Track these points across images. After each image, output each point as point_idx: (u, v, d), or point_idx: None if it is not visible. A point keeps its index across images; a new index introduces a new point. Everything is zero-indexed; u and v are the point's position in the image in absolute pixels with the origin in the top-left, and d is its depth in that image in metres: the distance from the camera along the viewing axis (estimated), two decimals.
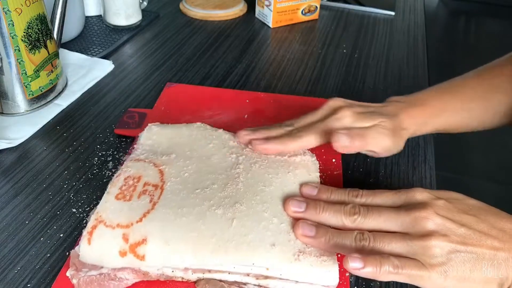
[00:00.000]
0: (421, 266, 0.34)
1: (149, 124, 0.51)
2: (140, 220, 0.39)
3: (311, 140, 0.47)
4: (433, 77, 0.78)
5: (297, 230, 0.38)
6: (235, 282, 0.38)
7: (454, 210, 0.36)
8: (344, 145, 0.45)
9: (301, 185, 0.43)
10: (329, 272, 0.36)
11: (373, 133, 0.46)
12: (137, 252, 0.37)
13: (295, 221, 0.39)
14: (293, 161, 0.47)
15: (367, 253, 0.35)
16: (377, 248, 0.35)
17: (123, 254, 0.37)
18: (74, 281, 0.38)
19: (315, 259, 0.37)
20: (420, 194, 0.38)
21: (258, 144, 0.46)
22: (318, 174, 0.46)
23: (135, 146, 0.49)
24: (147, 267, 0.37)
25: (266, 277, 0.37)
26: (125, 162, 0.46)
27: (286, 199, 0.41)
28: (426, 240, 0.34)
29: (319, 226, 0.38)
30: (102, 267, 0.38)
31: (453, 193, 0.39)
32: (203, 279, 0.38)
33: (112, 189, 0.42)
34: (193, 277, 0.38)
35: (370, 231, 0.37)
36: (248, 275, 0.37)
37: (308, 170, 0.46)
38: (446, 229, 0.35)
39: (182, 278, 0.38)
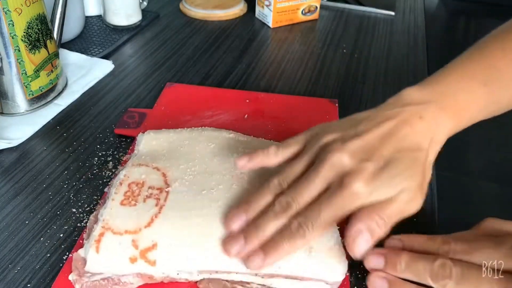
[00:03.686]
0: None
1: (148, 131, 0.50)
2: (149, 224, 0.38)
3: (319, 234, 0.35)
4: None
5: (369, 283, 0.33)
6: (239, 282, 0.38)
7: None
8: (363, 252, 0.34)
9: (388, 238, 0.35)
10: (339, 266, 0.36)
11: (400, 207, 0.34)
12: (148, 257, 0.36)
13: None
14: None
15: None
16: None
17: (133, 260, 0.36)
18: (77, 287, 0.37)
19: (324, 255, 0.37)
20: None
21: (253, 265, 0.35)
22: None
23: (134, 148, 0.49)
24: (160, 272, 0.37)
25: (272, 276, 0.37)
26: (126, 168, 0.45)
27: (366, 255, 0.34)
28: None
29: (394, 283, 0.32)
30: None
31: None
32: (205, 279, 0.38)
33: (116, 195, 0.41)
34: (198, 278, 0.38)
35: None
36: (256, 274, 0.37)
37: None
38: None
39: (186, 279, 0.38)
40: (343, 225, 0.36)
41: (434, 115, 0.36)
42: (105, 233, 0.38)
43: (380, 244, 0.36)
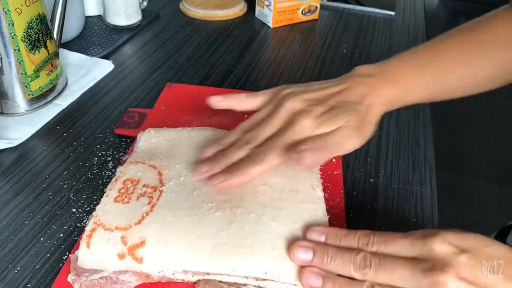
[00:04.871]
0: None
1: (148, 128, 0.50)
2: (139, 222, 0.38)
3: (274, 161, 0.41)
4: None
5: (302, 279, 0.35)
6: (234, 284, 0.38)
7: (478, 269, 0.31)
8: (309, 164, 0.40)
9: (307, 229, 0.39)
10: None
11: (338, 139, 0.41)
12: (135, 254, 0.37)
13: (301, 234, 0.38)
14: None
15: None
16: None
17: (121, 256, 0.37)
18: (76, 286, 0.37)
19: None
20: (439, 247, 0.32)
21: (219, 183, 0.41)
22: (319, 174, 0.46)
23: (134, 147, 0.49)
24: (146, 269, 0.37)
25: (265, 279, 0.37)
26: (123, 165, 0.45)
27: (291, 245, 0.37)
28: None
29: (327, 276, 0.35)
30: (103, 271, 0.38)
31: (476, 237, 0.34)
32: (202, 279, 0.38)
33: (111, 192, 0.41)
34: (193, 279, 0.38)
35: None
36: (247, 277, 0.37)
37: (308, 172, 0.45)
38: None
39: (183, 280, 0.38)
40: None
41: (376, 84, 0.45)
42: (96, 229, 0.38)
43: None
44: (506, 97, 2.17)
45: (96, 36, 0.79)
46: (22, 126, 0.57)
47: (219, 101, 0.47)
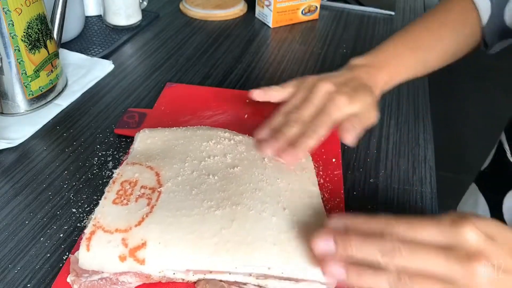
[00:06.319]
0: None
1: (143, 129, 0.50)
2: (139, 223, 0.38)
3: (324, 134, 0.47)
4: (433, 76, 0.78)
5: (325, 270, 0.34)
6: (235, 282, 0.38)
7: (508, 255, 0.32)
8: (351, 142, 0.47)
9: (306, 223, 0.39)
10: None
11: (367, 113, 0.49)
12: (137, 256, 0.37)
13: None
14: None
15: None
16: None
17: (123, 258, 0.37)
18: (75, 287, 0.37)
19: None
20: (470, 235, 0.32)
21: (288, 156, 0.45)
22: (314, 171, 0.47)
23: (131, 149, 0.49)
24: (148, 270, 0.37)
25: (266, 277, 0.37)
26: (120, 167, 0.45)
27: (313, 240, 0.35)
28: None
29: (351, 265, 0.34)
30: (103, 272, 0.37)
31: (494, 222, 0.34)
32: (203, 279, 0.38)
33: (109, 194, 0.41)
34: (194, 278, 0.38)
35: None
36: (250, 275, 0.37)
37: (302, 167, 0.47)
38: (500, 284, 0.31)
39: (183, 279, 0.38)
40: None
41: (374, 73, 0.52)
42: (96, 231, 0.38)
43: None
44: (506, 97, 2.18)
45: (96, 36, 0.79)
46: (22, 126, 0.57)
47: (261, 94, 0.53)
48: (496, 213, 0.58)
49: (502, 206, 0.57)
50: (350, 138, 0.47)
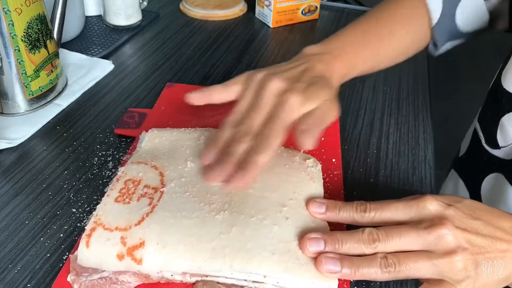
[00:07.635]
0: (449, 285, 0.34)
1: (152, 128, 0.50)
2: (139, 223, 0.38)
3: (279, 143, 0.41)
4: (433, 76, 0.78)
5: (320, 267, 0.36)
6: (232, 285, 0.38)
7: (465, 217, 0.36)
8: (310, 146, 0.43)
9: (308, 202, 0.41)
10: (329, 285, 0.36)
11: (326, 111, 0.44)
12: (134, 255, 0.37)
13: (300, 238, 0.38)
14: (296, 166, 0.46)
15: (393, 277, 0.35)
16: (404, 272, 0.35)
17: (120, 257, 0.37)
18: (75, 287, 0.37)
19: (314, 269, 0.36)
20: (430, 204, 0.37)
21: (238, 181, 0.39)
22: (322, 181, 0.45)
23: (136, 147, 0.49)
24: (145, 270, 0.37)
25: (263, 283, 0.37)
26: (125, 165, 0.45)
27: (302, 239, 0.38)
28: (451, 256, 0.34)
29: (342, 258, 0.36)
30: (103, 271, 0.37)
31: (451, 196, 0.38)
32: (201, 281, 0.38)
33: (112, 191, 0.41)
34: (191, 280, 0.38)
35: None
36: (245, 281, 0.37)
37: (311, 177, 0.45)
38: (465, 241, 0.35)
39: (181, 281, 0.38)
40: None
41: (329, 61, 0.48)
42: (96, 228, 0.38)
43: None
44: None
45: (96, 36, 0.79)
46: (22, 126, 0.57)
47: (199, 98, 0.48)
48: (475, 196, 0.59)
49: (481, 189, 0.58)
50: (308, 143, 0.42)
